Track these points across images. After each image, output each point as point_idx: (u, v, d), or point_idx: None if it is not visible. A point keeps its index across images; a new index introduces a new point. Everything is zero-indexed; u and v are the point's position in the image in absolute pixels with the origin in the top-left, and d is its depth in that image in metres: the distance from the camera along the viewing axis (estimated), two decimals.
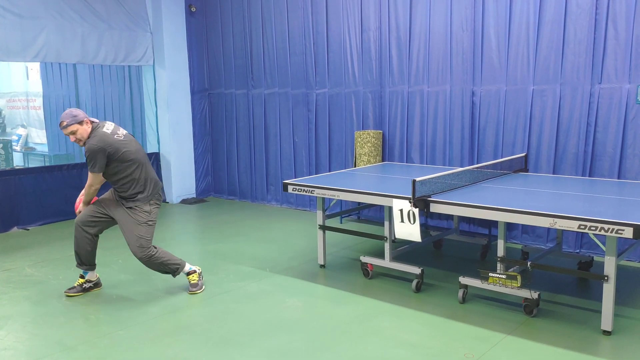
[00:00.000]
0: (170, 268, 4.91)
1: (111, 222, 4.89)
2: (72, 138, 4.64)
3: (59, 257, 6.19)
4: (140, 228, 4.72)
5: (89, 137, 4.62)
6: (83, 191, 4.94)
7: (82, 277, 5.06)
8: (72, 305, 4.77)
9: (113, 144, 4.60)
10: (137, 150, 4.77)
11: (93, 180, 4.68)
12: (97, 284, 5.14)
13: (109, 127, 4.71)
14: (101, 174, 4.64)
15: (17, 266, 5.89)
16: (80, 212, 4.93)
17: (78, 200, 4.98)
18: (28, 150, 11.88)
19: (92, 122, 4.70)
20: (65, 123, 4.58)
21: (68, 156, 10.79)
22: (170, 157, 8.97)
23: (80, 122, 4.60)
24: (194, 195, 9.32)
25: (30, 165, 11.19)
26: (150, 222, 4.79)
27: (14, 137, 12.02)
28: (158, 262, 4.83)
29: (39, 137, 11.71)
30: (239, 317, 4.47)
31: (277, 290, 5.04)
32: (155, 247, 4.83)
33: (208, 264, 5.77)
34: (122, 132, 4.76)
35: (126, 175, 4.70)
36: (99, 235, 4.95)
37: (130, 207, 4.75)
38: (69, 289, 5.05)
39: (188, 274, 5.02)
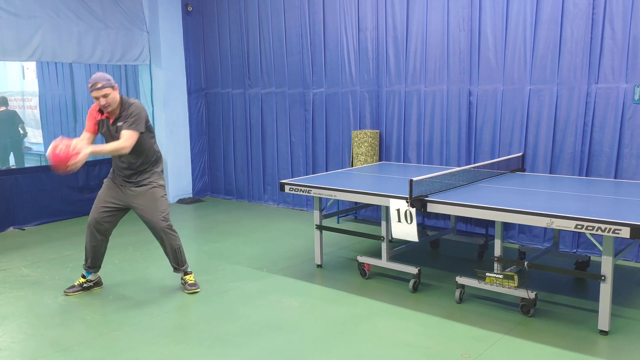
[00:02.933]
0: (181, 258, 4.97)
1: (122, 213, 4.92)
2: (102, 101, 4.54)
3: (55, 257, 6.17)
4: (160, 203, 4.83)
5: (121, 103, 4.64)
6: (75, 141, 4.33)
7: (83, 277, 5.05)
8: (68, 306, 4.76)
9: (146, 110, 4.75)
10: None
11: (132, 140, 4.51)
12: (97, 283, 5.14)
13: None
14: (139, 135, 4.59)
15: (13, 266, 5.87)
16: (72, 163, 4.20)
17: (64, 147, 4.18)
18: (24, 150, 11.82)
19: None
20: (100, 85, 4.51)
21: None
22: (167, 156, 8.94)
23: (113, 87, 4.60)
24: (191, 195, 9.31)
25: (27, 165, 11.14)
26: (166, 196, 4.91)
27: None
28: (177, 243, 4.91)
29: (35, 137, 11.67)
30: (236, 318, 4.46)
31: (274, 290, 5.03)
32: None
33: (205, 264, 5.75)
34: None
35: (150, 146, 4.77)
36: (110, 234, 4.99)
37: (143, 185, 4.79)
38: (69, 288, 5.04)
39: (185, 273, 5.03)
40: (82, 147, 4.27)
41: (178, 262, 4.96)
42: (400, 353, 3.81)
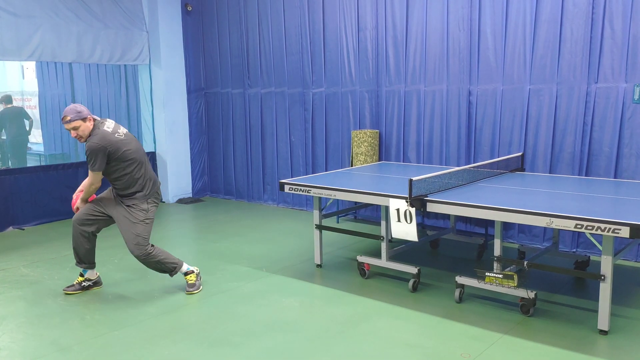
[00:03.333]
0: (168, 267, 4.89)
1: (109, 220, 4.88)
2: (73, 134, 4.62)
3: (54, 257, 6.17)
4: (137, 226, 4.71)
5: (90, 135, 4.61)
6: (80, 187, 4.93)
7: (81, 275, 5.06)
8: (67, 306, 4.75)
9: (114, 143, 4.60)
10: (137, 149, 4.76)
11: (93, 178, 4.67)
12: (96, 283, 5.14)
13: (109, 125, 4.71)
14: (101, 172, 4.63)
15: (12, 266, 5.87)
16: (77, 209, 4.92)
17: (75, 197, 4.96)
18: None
19: (94, 119, 4.70)
20: (69, 118, 4.56)
21: (64, 156, 10.75)
22: (167, 156, 8.95)
23: (84, 119, 4.59)
24: (190, 195, 9.30)
25: (27, 165, 11.14)
26: (147, 221, 4.78)
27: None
28: (155, 261, 4.81)
29: (35, 137, 11.66)
30: (236, 317, 4.45)
31: (274, 290, 5.03)
32: (153, 246, 4.82)
33: (204, 264, 5.75)
34: (122, 130, 4.76)
35: (125, 174, 4.70)
36: (97, 234, 4.94)
37: (129, 206, 4.75)
38: (68, 286, 5.05)
39: (186, 274, 5.01)
40: (75, 200, 4.95)
41: (166, 270, 4.93)
42: (399, 353, 3.81)
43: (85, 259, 4.96)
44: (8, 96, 9.85)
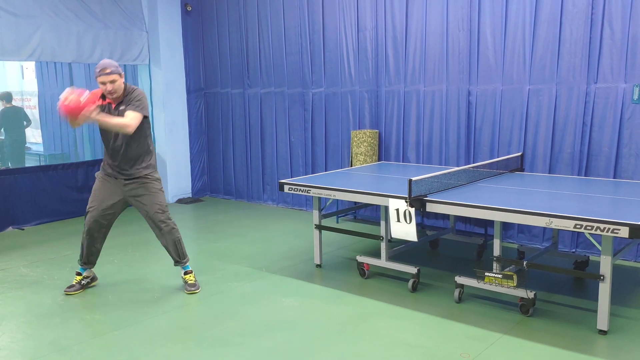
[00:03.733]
0: (183, 251, 4.99)
1: (121, 209, 4.92)
2: (109, 87, 4.58)
3: (54, 257, 6.17)
4: (158, 196, 4.85)
5: (125, 89, 4.69)
6: (90, 96, 4.37)
7: (79, 274, 5.06)
8: (67, 306, 4.76)
9: None
10: None
11: (136, 122, 4.55)
12: (93, 279, 5.16)
13: None
14: (141, 119, 4.63)
15: (12, 266, 5.87)
16: (88, 113, 4.27)
17: (75, 98, 4.21)
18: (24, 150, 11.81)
19: None
20: (109, 70, 4.56)
21: (63, 156, 10.74)
22: (166, 156, 8.95)
23: (120, 74, 4.65)
24: (190, 195, 9.31)
25: (26, 165, 11.13)
26: (162, 190, 4.93)
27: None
28: (177, 236, 4.93)
29: (34, 137, 11.65)
30: (235, 317, 4.46)
31: (273, 290, 5.04)
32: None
33: (204, 263, 5.75)
34: None
35: (146, 136, 4.78)
36: (110, 228, 4.99)
37: (139, 178, 4.79)
38: (69, 287, 5.05)
39: (185, 273, 5.02)
40: (93, 103, 4.34)
41: (179, 254, 4.97)
42: (399, 353, 3.81)
43: (92, 259, 5.01)
44: (8, 94, 9.82)
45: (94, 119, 4.37)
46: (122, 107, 4.65)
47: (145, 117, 4.70)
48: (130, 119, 4.54)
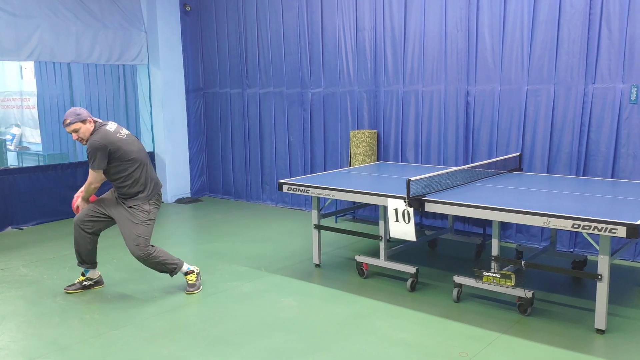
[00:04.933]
0: (168, 267, 4.91)
1: (110, 221, 4.90)
2: (74, 136, 4.65)
3: (53, 256, 6.17)
4: (138, 227, 4.72)
5: (91, 135, 4.64)
6: (82, 188, 4.93)
7: (82, 275, 5.07)
8: (66, 305, 4.76)
9: (115, 142, 4.62)
10: (138, 150, 4.79)
11: (94, 177, 4.68)
12: (98, 282, 5.16)
13: (111, 126, 4.74)
14: (102, 171, 4.65)
15: (11, 266, 5.87)
16: (77, 209, 4.92)
17: (75, 197, 4.96)
18: (22, 150, 11.83)
19: (95, 121, 4.73)
20: (68, 121, 4.60)
21: (62, 156, 10.76)
22: (165, 156, 8.96)
23: (84, 121, 4.62)
24: (189, 195, 9.31)
25: (25, 165, 11.14)
26: (148, 222, 4.79)
27: (8, 137, 11.97)
28: (156, 261, 4.83)
29: (33, 137, 11.67)
30: (234, 317, 4.47)
31: (273, 290, 5.05)
32: (153, 246, 4.83)
33: (203, 263, 5.76)
34: (124, 131, 4.79)
35: (127, 175, 4.71)
36: (99, 234, 4.96)
37: (130, 207, 4.76)
38: (69, 286, 5.07)
39: (186, 273, 5.02)
40: (75, 200, 4.95)
41: (167, 271, 4.94)
42: (398, 352, 3.82)
43: (87, 259, 4.98)
44: None
45: (83, 203, 4.87)
46: None
47: (118, 160, 4.63)
48: (88, 179, 4.73)
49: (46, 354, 3.90)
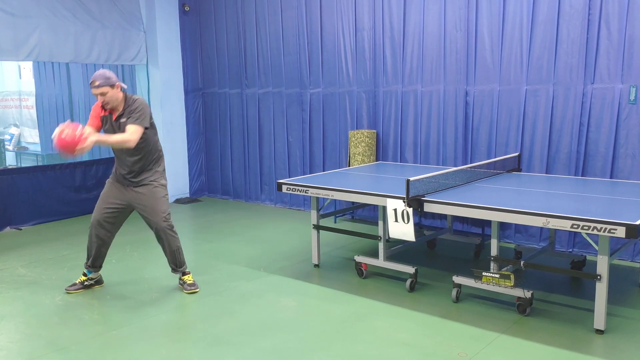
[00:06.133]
0: (181, 258, 4.98)
1: (126, 211, 4.91)
2: (100, 99, 4.60)
3: (52, 257, 6.16)
4: (161, 203, 4.80)
5: (125, 100, 4.66)
6: (105, 137, 4.59)
7: (85, 275, 5.06)
8: (65, 306, 4.76)
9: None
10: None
11: (137, 135, 4.53)
12: (98, 281, 5.16)
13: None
14: (142, 131, 4.62)
15: (9, 266, 5.86)
16: (85, 145, 4.22)
17: (71, 131, 4.19)
18: (21, 150, 11.81)
19: (122, 87, 4.71)
20: (97, 83, 4.55)
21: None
22: (164, 156, 8.92)
23: (112, 85, 4.61)
24: (188, 195, 9.31)
25: (23, 165, 11.12)
26: (167, 197, 4.90)
27: (7, 137, 11.95)
28: (176, 244, 4.90)
29: (32, 137, 11.65)
30: (233, 317, 4.46)
31: (271, 290, 5.04)
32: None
33: (202, 263, 5.76)
34: None
35: (154, 144, 4.80)
36: (116, 232, 4.99)
37: (145, 185, 4.77)
38: (70, 285, 5.06)
39: (184, 273, 5.03)
40: (89, 133, 4.31)
41: (176, 262, 4.96)
42: (397, 352, 3.82)
43: (98, 263, 5.01)
44: None
45: (94, 143, 4.34)
46: (122, 120, 4.64)
47: (150, 126, 4.70)
48: (129, 134, 4.52)
49: (45, 354, 3.89)
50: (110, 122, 4.70)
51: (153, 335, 4.16)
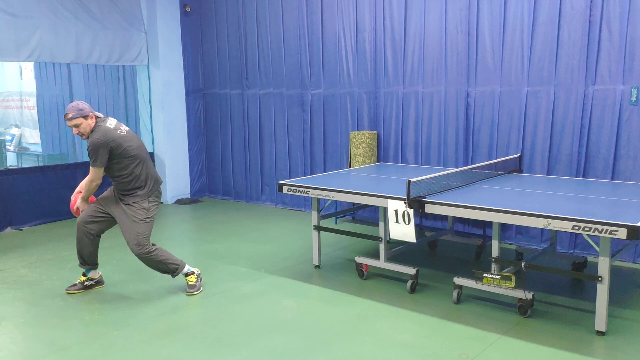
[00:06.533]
0: (169, 267, 4.90)
1: (112, 221, 4.89)
2: (75, 131, 4.66)
3: (52, 257, 6.16)
4: (138, 225, 4.72)
5: (92, 132, 4.64)
6: (78, 188, 4.95)
7: (84, 275, 5.07)
8: (66, 306, 4.76)
9: (116, 139, 4.63)
10: (138, 147, 4.80)
11: (94, 175, 4.67)
12: (99, 282, 5.16)
13: (112, 122, 4.75)
14: (102, 168, 4.64)
15: (10, 267, 5.86)
16: (77, 208, 4.91)
17: (74, 197, 4.95)
18: (21, 150, 11.83)
19: (96, 116, 4.72)
20: (70, 115, 4.60)
21: (62, 156, 10.75)
22: (165, 157, 8.95)
23: (85, 116, 4.62)
24: (189, 196, 9.31)
25: (24, 166, 11.13)
26: (148, 219, 4.79)
27: (8, 137, 11.96)
28: (156, 260, 4.82)
29: (33, 137, 11.66)
30: (234, 318, 4.46)
31: (272, 291, 5.04)
32: (154, 245, 4.83)
33: (203, 264, 5.75)
34: (124, 128, 4.80)
35: (128, 173, 4.71)
36: (101, 234, 4.96)
37: (129, 204, 4.75)
38: (71, 286, 5.06)
39: (186, 274, 5.01)
40: (73, 202, 4.96)
41: (168, 271, 4.94)
42: (397, 353, 3.82)
43: (90, 260, 4.98)
44: None
45: (81, 201, 4.87)
46: None
47: (118, 157, 4.63)
48: (88, 177, 4.74)
49: (45, 355, 3.89)
50: None
51: (154, 335, 4.16)
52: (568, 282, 5.16)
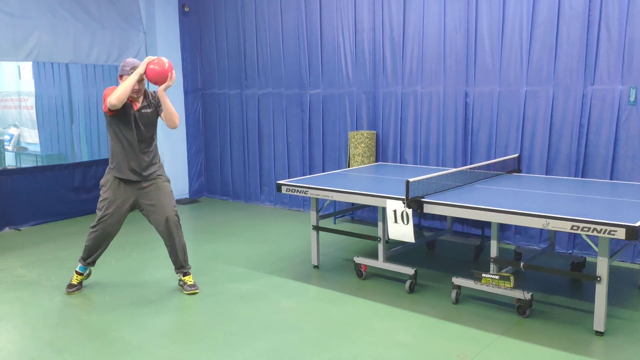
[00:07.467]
0: (187, 255, 5.02)
1: (128, 213, 4.93)
2: (137, 85, 4.64)
3: (51, 257, 6.16)
4: (172, 198, 4.90)
5: (145, 91, 4.85)
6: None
7: (80, 274, 5.05)
8: (64, 306, 4.75)
9: None
10: None
11: (178, 121, 5.00)
12: (88, 275, 5.19)
13: None
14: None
15: (9, 267, 5.86)
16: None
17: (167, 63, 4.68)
18: (20, 150, 11.81)
19: None
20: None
21: (60, 156, 10.74)
22: (163, 157, 8.84)
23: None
24: (187, 196, 9.30)
25: (23, 165, 11.12)
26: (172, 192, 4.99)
27: (6, 137, 11.95)
28: (184, 242, 4.97)
29: (31, 137, 11.65)
30: (233, 318, 4.46)
31: (271, 291, 5.04)
32: None
33: (201, 264, 5.75)
34: None
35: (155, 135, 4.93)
36: None
37: (154, 179, 4.83)
38: (70, 287, 5.03)
39: (185, 274, 5.02)
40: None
41: (185, 259, 4.98)
42: (396, 353, 3.82)
43: (96, 259, 5.02)
44: None
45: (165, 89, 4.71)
46: (146, 110, 4.74)
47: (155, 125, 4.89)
48: (177, 116, 4.88)
49: (44, 355, 3.88)
50: (131, 111, 4.68)
51: (152, 336, 4.15)
52: (567, 282, 5.16)
